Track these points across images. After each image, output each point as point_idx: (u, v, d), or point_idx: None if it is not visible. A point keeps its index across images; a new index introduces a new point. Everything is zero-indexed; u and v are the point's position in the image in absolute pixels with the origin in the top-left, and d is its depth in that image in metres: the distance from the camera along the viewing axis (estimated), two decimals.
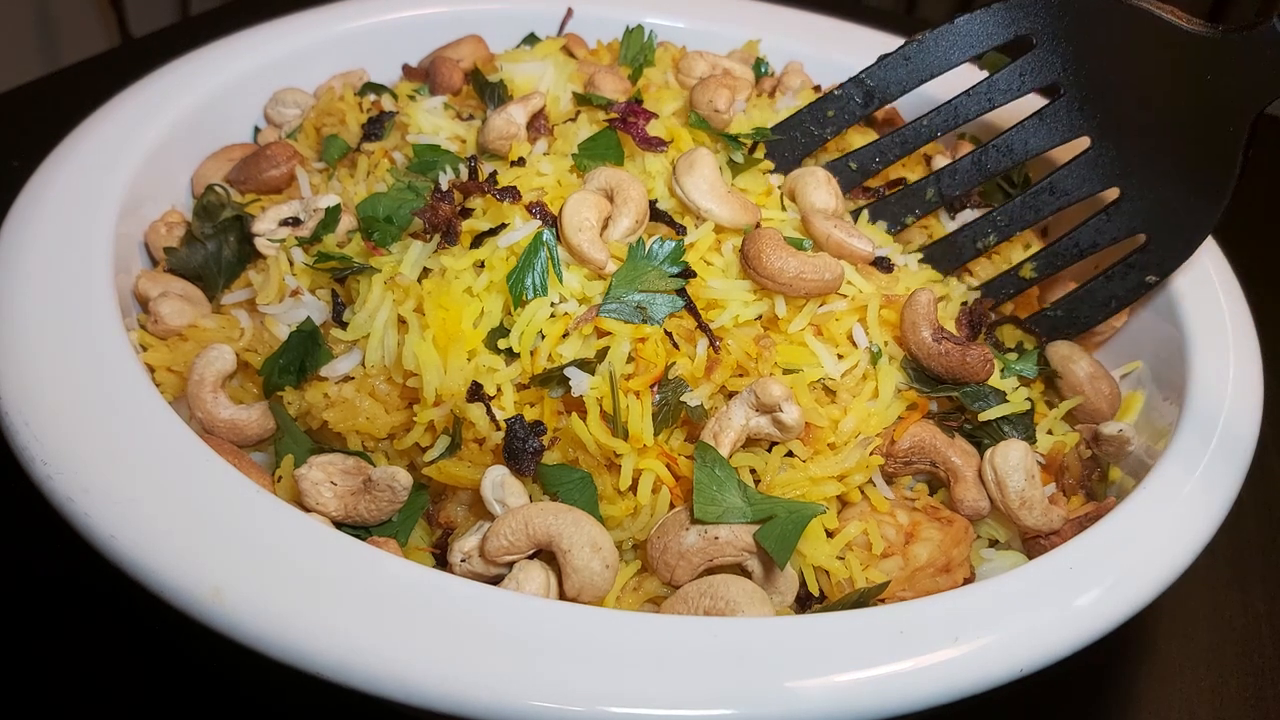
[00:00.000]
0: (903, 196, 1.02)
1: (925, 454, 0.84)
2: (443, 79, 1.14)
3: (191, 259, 0.97)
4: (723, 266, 0.88)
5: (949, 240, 1.02)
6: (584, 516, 0.73)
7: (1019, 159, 0.99)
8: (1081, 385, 0.95)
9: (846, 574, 0.77)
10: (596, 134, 0.98)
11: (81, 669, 0.85)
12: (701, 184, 0.90)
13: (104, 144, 0.99)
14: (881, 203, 1.03)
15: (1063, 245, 0.99)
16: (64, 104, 1.07)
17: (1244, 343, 0.94)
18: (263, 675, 0.65)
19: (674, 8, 1.41)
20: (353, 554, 0.66)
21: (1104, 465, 0.95)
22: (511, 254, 0.85)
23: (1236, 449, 0.83)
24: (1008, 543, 0.87)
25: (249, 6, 1.39)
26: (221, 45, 1.19)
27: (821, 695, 0.61)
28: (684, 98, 1.09)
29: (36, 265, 0.84)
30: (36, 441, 0.70)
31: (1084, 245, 0.98)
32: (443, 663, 0.60)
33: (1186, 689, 0.95)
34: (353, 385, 0.85)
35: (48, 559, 0.88)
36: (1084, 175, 0.96)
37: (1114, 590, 0.70)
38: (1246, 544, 1.09)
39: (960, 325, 0.96)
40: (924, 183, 1.02)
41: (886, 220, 1.03)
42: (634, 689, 0.60)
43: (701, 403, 0.80)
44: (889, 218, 1.03)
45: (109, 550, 0.65)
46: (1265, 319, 0.99)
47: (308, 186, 1.04)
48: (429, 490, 0.83)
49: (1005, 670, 0.65)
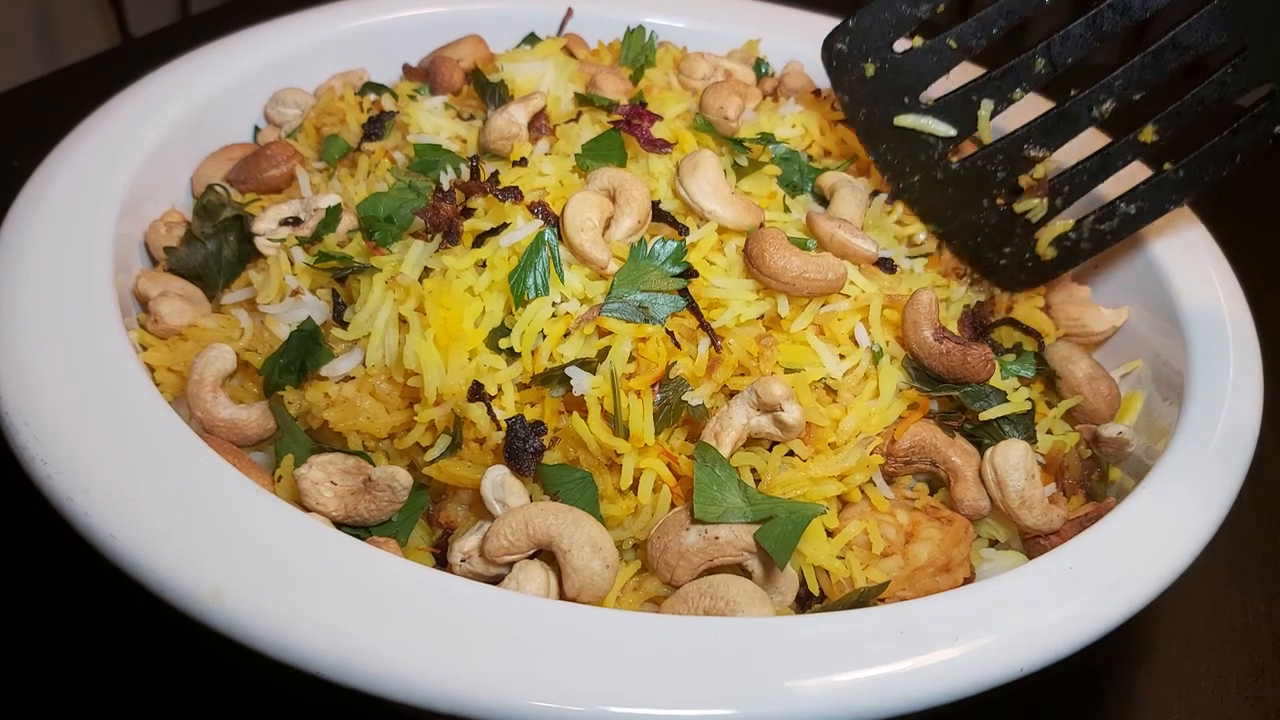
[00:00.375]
0: (1010, 70, 0.96)
1: (925, 453, 0.84)
2: (443, 79, 1.14)
3: (191, 259, 0.97)
4: (725, 266, 0.88)
5: (1062, 112, 0.96)
6: (584, 516, 0.73)
7: (1137, 17, 0.92)
8: (1080, 386, 0.95)
9: (846, 574, 0.77)
10: (600, 135, 0.98)
11: (81, 669, 0.85)
12: (705, 185, 0.90)
13: (104, 144, 0.99)
14: (985, 80, 0.97)
15: (1186, 104, 0.93)
16: (64, 104, 1.07)
17: (1244, 343, 0.94)
18: (263, 675, 0.65)
19: (674, 8, 1.41)
20: (353, 554, 0.66)
21: (1104, 465, 0.95)
22: (513, 254, 0.85)
23: (1236, 449, 0.83)
24: (1008, 543, 0.87)
25: (249, 6, 1.39)
26: (221, 45, 1.19)
27: (821, 695, 0.61)
28: (688, 100, 1.09)
29: (36, 265, 0.84)
30: (36, 441, 0.70)
31: (1209, 101, 0.93)
32: (443, 663, 0.60)
33: (1186, 689, 0.95)
34: (353, 385, 0.85)
35: (48, 559, 0.88)
36: (1209, 27, 0.90)
37: (1114, 590, 0.70)
38: (1246, 544, 1.09)
39: (962, 326, 0.96)
40: (1033, 52, 0.95)
41: (993, 98, 0.97)
42: (634, 689, 0.60)
43: (703, 402, 0.80)
44: (995, 95, 0.97)
45: (109, 550, 0.65)
46: (1265, 319, 0.99)
47: (308, 186, 1.04)
48: (429, 490, 0.83)
49: (1005, 670, 0.65)
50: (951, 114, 1.01)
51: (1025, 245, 1.03)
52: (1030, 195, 1.01)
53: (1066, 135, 0.97)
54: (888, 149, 1.05)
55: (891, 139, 1.04)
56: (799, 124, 1.10)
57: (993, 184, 1.02)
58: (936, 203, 1.05)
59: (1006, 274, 1.05)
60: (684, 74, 1.17)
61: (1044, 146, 0.98)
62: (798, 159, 1.03)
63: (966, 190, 1.03)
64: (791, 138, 1.08)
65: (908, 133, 1.03)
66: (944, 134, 1.02)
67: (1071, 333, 1.05)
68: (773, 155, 1.03)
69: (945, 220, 1.05)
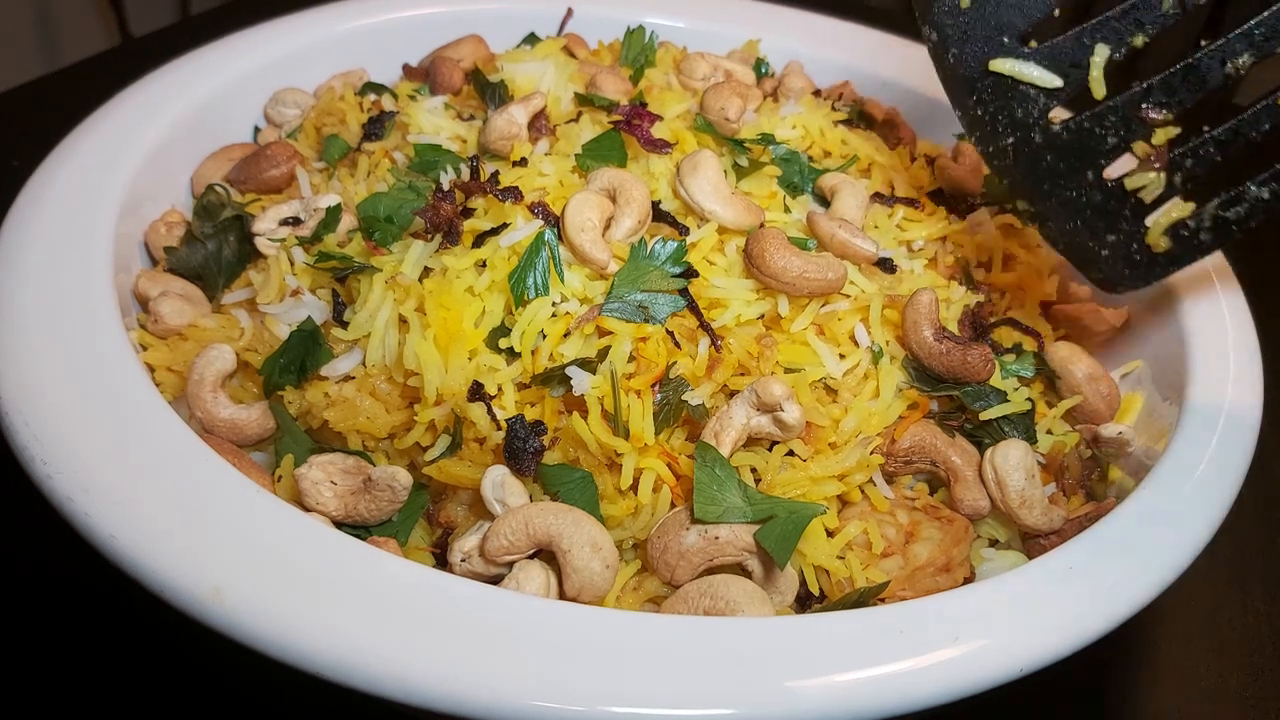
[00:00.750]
0: (1131, 9, 0.82)
1: (925, 453, 0.84)
2: (443, 79, 1.14)
3: (191, 259, 0.97)
4: (725, 266, 0.88)
5: (1190, 65, 0.82)
6: (584, 516, 0.73)
7: None
8: (1080, 386, 0.95)
9: (846, 573, 0.77)
10: (600, 135, 0.98)
11: (81, 669, 0.85)
12: (705, 185, 0.90)
13: (104, 144, 0.99)
14: (1103, 21, 0.84)
15: None
16: (64, 104, 1.07)
17: (1244, 343, 0.94)
18: (263, 675, 0.65)
19: (674, 8, 1.42)
20: (353, 554, 0.66)
21: (1104, 465, 0.95)
22: (513, 253, 0.85)
23: (1236, 450, 0.83)
24: (1008, 543, 0.87)
25: (249, 6, 1.39)
26: (221, 45, 1.19)
27: (821, 695, 0.61)
28: (688, 100, 1.09)
29: (36, 265, 0.84)
30: (36, 441, 0.70)
31: None
32: (443, 663, 0.60)
33: (1186, 689, 0.95)
34: (353, 385, 0.85)
35: (48, 559, 0.88)
36: None
37: (1114, 590, 0.70)
38: (1246, 544, 1.09)
39: (962, 326, 0.96)
40: None
41: (1110, 43, 0.84)
42: (634, 689, 0.60)
43: (703, 402, 0.80)
44: (1112, 40, 0.84)
45: (109, 550, 0.65)
46: (1265, 319, 0.99)
47: (308, 186, 1.04)
48: (429, 490, 0.83)
49: (1005, 670, 0.65)
50: (1059, 61, 0.86)
51: (1133, 233, 0.88)
52: (1145, 169, 0.86)
53: (1194, 94, 0.83)
54: (978, 101, 0.90)
55: (984, 89, 0.89)
56: (799, 125, 1.10)
57: (1100, 153, 0.87)
58: (1031, 174, 0.90)
59: (1109, 267, 0.91)
60: (684, 74, 1.17)
61: (1166, 108, 0.84)
62: (798, 160, 1.03)
63: (1068, 159, 0.88)
64: (792, 139, 1.08)
65: (1004, 82, 0.88)
66: (1048, 85, 0.87)
67: (1071, 333, 1.05)
68: (773, 156, 1.03)
69: (1040, 196, 0.90)
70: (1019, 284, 1.05)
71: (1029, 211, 0.93)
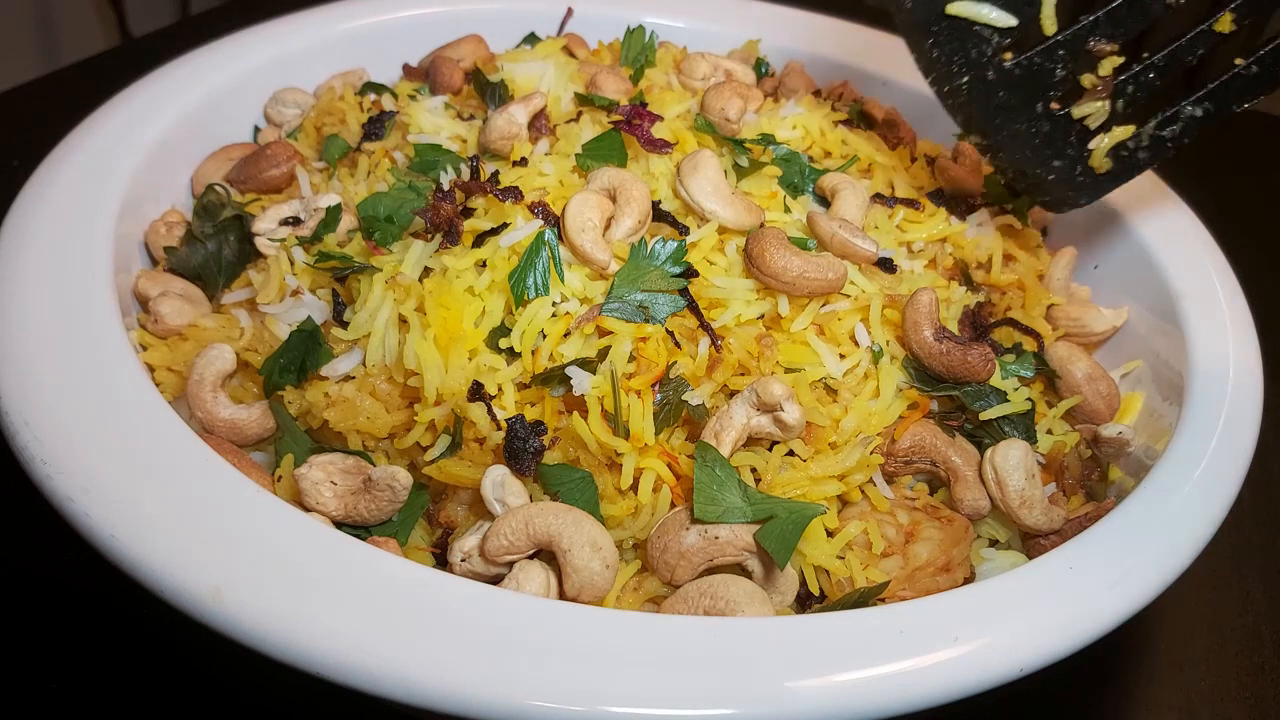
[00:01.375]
0: None
1: (925, 453, 0.84)
2: (443, 79, 1.14)
3: (191, 259, 0.97)
4: (725, 266, 0.88)
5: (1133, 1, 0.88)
6: (584, 516, 0.73)
7: None
8: (1080, 386, 0.95)
9: (846, 573, 0.77)
10: (600, 135, 0.98)
11: (81, 669, 0.85)
12: (705, 185, 0.90)
13: (104, 144, 0.99)
14: None
15: None
16: (64, 104, 1.08)
17: (1244, 343, 0.94)
18: (263, 675, 0.65)
19: (674, 8, 1.42)
20: (353, 554, 0.66)
21: (1104, 465, 0.95)
22: (513, 253, 0.85)
23: (1236, 449, 0.83)
24: (1008, 543, 0.87)
25: (249, 6, 1.39)
26: (221, 45, 1.19)
27: (821, 695, 0.61)
28: (688, 100, 1.09)
29: (36, 265, 0.84)
30: (36, 441, 0.70)
31: None
32: (443, 663, 0.60)
33: (1186, 689, 0.95)
34: (353, 384, 0.85)
35: (48, 559, 0.88)
36: None
37: (1113, 590, 0.70)
38: (1246, 544, 1.09)
39: (962, 326, 0.96)
40: None
41: None
42: (634, 689, 0.60)
43: (703, 402, 0.80)
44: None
45: (109, 550, 0.65)
46: (1265, 319, 0.99)
47: (308, 186, 1.04)
48: (429, 490, 0.83)
49: (1005, 670, 0.65)
50: (1013, 1, 0.91)
51: (1078, 157, 0.95)
52: (1091, 98, 0.92)
53: (1138, 25, 0.88)
54: (934, 44, 0.94)
55: (941, 32, 0.93)
56: (800, 125, 1.09)
57: (1050, 85, 0.93)
58: (984, 110, 0.95)
59: (1056, 190, 0.98)
60: (684, 74, 1.17)
61: (1111, 39, 0.89)
62: (798, 160, 1.03)
63: (1020, 93, 0.94)
64: (792, 139, 1.08)
65: (960, 24, 0.92)
66: (1003, 25, 0.91)
67: (1071, 333, 1.05)
68: (773, 156, 1.03)
69: (992, 130, 0.96)
70: (1019, 284, 1.05)
71: (981, 144, 0.99)
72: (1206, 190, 1.20)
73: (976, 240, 1.06)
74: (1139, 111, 0.91)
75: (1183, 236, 1.08)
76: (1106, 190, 0.98)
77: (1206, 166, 1.32)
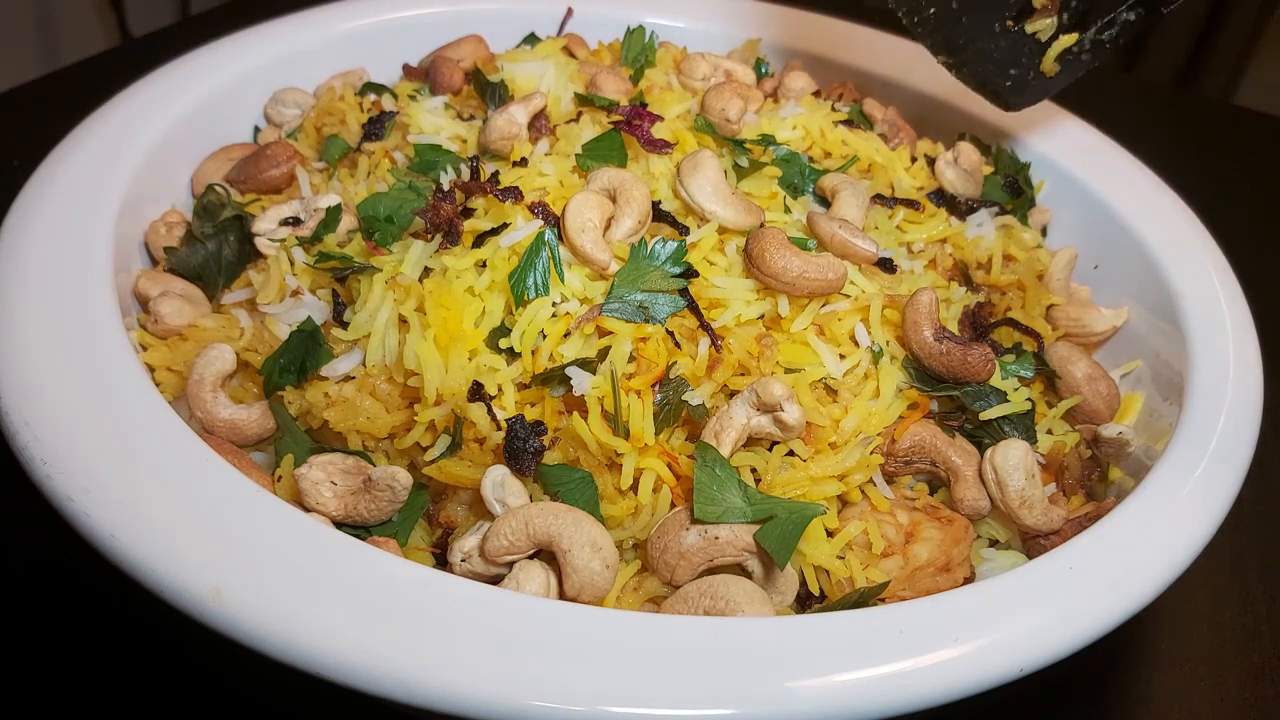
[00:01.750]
0: None
1: (925, 453, 0.84)
2: (443, 79, 1.14)
3: (191, 259, 0.97)
4: (725, 266, 0.88)
5: None
6: (584, 516, 0.73)
7: None
8: (1079, 386, 0.95)
9: (846, 574, 0.77)
10: (600, 135, 0.98)
11: (82, 669, 0.85)
12: (705, 186, 0.90)
13: (104, 144, 0.99)
14: None
15: None
16: (64, 104, 1.07)
17: (1244, 343, 0.94)
18: (263, 675, 0.65)
19: (674, 8, 1.42)
20: (353, 554, 0.66)
21: (1104, 465, 0.95)
22: (513, 254, 0.85)
23: (1236, 449, 0.83)
24: (1008, 543, 0.87)
25: (249, 6, 1.39)
26: (221, 45, 1.19)
27: (821, 695, 0.61)
28: (688, 100, 1.09)
29: (36, 265, 0.84)
30: (36, 441, 0.70)
31: None
32: (443, 663, 0.60)
33: (1186, 689, 0.95)
34: (353, 385, 0.85)
35: (48, 559, 0.88)
36: None
37: (1114, 590, 0.70)
38: (1246, 544, 1.09)
39: (962, 326, 0.96)
40: None
41: None
42: (634, 689, 0.60)
43: (703, 402, 0.80)
44: None
45: (109, 550, 0.65)
46: (1265, 319, 0.99)
47: (308, 186, 1.04)
48: (429, 490, 0.83)
49: (1005, 670, 0.65)
50: None
51: (1030, 65, 1.10)
52: (1042, 15, 1.08)
53: None
54: None
55: None
56: (800, 125, 1.10)
57: (1005, 6, 1.08)
58: (951, 33, 1.09)
59: (1012, 95, 1.11)
60: (684, 74, 1.17)
61: None
62: (799, 160, 1.03)
63: (980, 15, 1.09)
64: (792, 139, 1.08)
65: None
66: None
67: (1071, 333, 1.05)
68: (774, 157, 1.03)
69: (957, 50, 1.10)
70: (1019, 284, 1.05)
71: (948, 63, 1.13)
72: (1206, 190, 1.21)
73: (976, 240, 1.06)
74: (1082, 20, 1.08)
75: (1183, 236, 1.08)
76: (1055, 90, 1.13)
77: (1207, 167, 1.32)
